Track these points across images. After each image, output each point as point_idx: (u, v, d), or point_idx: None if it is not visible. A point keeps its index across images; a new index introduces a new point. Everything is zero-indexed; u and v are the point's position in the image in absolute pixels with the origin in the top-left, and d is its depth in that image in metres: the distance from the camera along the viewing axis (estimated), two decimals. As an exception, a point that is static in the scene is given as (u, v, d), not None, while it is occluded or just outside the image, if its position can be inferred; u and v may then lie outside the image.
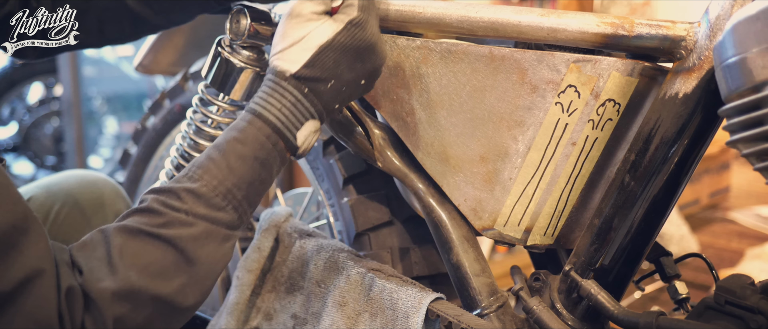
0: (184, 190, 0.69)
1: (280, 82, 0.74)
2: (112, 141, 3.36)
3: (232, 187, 0.72)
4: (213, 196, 0.70)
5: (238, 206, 0.72)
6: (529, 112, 0.83)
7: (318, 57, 0.74)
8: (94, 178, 1.17)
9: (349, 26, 0.75)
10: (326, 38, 0.74)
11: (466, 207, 0.89)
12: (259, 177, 0.74)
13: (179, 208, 0.69)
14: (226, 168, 0.71)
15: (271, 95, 0.74)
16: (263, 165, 0.74)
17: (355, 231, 1.02)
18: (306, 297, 0.96)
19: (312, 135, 0.77)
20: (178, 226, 0.68)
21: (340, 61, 0.75)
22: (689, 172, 0.80)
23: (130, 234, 0.67)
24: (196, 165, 0.72)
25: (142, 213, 0.69)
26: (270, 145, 0.74)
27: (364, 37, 0.76)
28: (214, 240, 0.70)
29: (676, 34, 0.76)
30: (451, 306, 0.84)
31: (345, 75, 0.76)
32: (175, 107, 1.38)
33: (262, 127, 0.74)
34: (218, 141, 0.74)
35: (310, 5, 0.75)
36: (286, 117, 0.74)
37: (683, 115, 0.75)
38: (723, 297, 0.72)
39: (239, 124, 0.74)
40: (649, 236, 0.82)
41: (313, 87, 0.75)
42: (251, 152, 0.73)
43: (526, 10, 0.82)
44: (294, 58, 0.74)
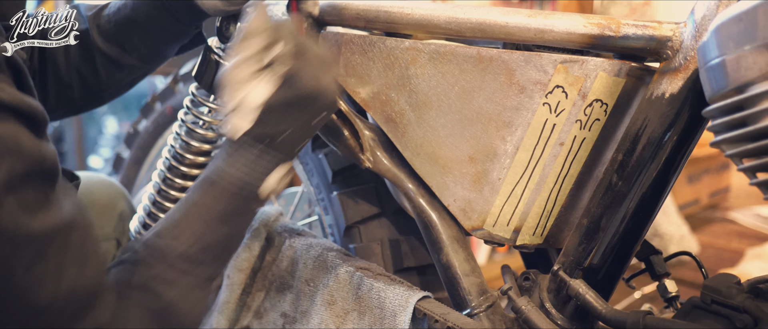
0: (168, 248, 0.73)
1: (234, 145, 0.75)
2: (112, 141, 3.36)
3: (211, 242, 0.75)
4: (193, 253, 0.74)
5: (216, 258, 0.76)
6: (517, 112, 0.83)
7: (263, 116, 0.74)
8: (97, 180, 1.18)
9: (285, 80, 0.74)
10: (265, 96, 0.74)
11: (455, 208, 0.89)
12: (235, 228, 0.77)
13: (163, 264, 0.72)
14: (202, 225, 0.74)
15: (232, 154, 0.75)
16: (239, 216, 0.77)
17: (345, 224, 1.02)
18: (295, 295, 0.96)
19: (283, 178, 0.79)
20: (163, 282, 0.72)
21: (286, 113, 0.75)
22: (677, 172, 0.80)
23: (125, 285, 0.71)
24: (173, 222, 0.75)
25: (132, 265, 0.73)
26: (241, 198, 0.75)
27: (301, 87, 0.74)
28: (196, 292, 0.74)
29: (662, 35, 0.77)
30: (438, 305, 0.85)
31: (297, 122, 0.76)
32: (166, 109, 1.38)
33: (233, 182, 0.75)
34: (193, 195, 0.76)
35: (244, 68, 0.74)
36: (252, 170, 0.75)
37: (670, 115, 0.76)
38: (709, 297, 0.72)
39: (210, 177, 0.76)
40: (637, 235, 0.82)
41: (270, 142, 0.75)
42: (224, 207, 0.75)
43: (514, 12, 0.82)
44: (242, 118, 0.74)
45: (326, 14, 0.95)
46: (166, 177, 0.99)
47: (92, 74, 0.98)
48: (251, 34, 0.73)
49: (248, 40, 0.73)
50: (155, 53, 0.99)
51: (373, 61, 0.91)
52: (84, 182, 1.16)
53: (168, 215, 0.77)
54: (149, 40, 0.96)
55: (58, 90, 0.99)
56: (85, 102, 1.03)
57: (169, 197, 0.98)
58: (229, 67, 0.74)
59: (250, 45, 0.73)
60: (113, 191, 1.18)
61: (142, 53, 0.97)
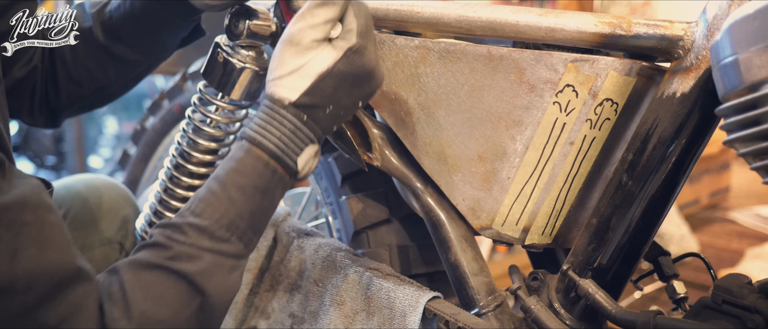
0: (188, 225, 0.71)
1: (278, 109, 0.74)
2: (112, 141, 3.36)
3: (235, 218, 0.73)
4: (216, 229, 0.72)
5: (242, 236, 0.74)
6: (527, 111, 0.83)
7: (317, 85, 0.74)
8: (102, 183, 1.18)
9: (348, 53, 0.74)
10: (325, 67, 0.74)
11: (464, 207, 0.89)
12: (260, 206, 0.75)
13: (184, 242, 0.70)
14: (226, 200, 0.72)
15: (269, 123, 0.74)
16: (264, 194, 0.74)
17: (353, 229, 1.02)
18: (304, 296, 0.96)
19: (312, 159, 0.77)
20: (185, 260, 0.70)
21: (338, 88, 0.75)
22: (687, 172, 0.80)
23: (141, 267, 0.69)
24: (198, 198, 0.73)
25: (149, 247, 0.71)
26: (269, 173, 0.74)
27: (362, 64, 0.75)
28: (221, 271, 0.71)
29: (673, 34, 0.76)
30: (448, 305, 0.85)
31: (343, 100, 0.76)
32: (173, 107, 1.38)
33: (260, 155, 0.74)
34: (218, 172, 0.75)
35: (309, 33, 0.74)
36: (285, 145, 0.74)
37: (681, 114, 0.76)
38: (720, 297, 0.72)
39: (237, 154, 0.75)
40: (646, 235, 0.82)
41: (311, 114, 0.75)
42: (251, 182, 0.73)
43: (524, 10, 0.82)
44: (293, 86, 0.74)
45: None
46: (173, 175, 0.98)
47: (99, 70, 0.99)
48: (325, 1, 0.73)
49: (320, 7, 0.73)
50: (156, 47, 0.99)
51: (382, 60, 0.91)
52: (89, 184, 1.16)
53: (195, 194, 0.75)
54: (149, 35, 0.96)
55: (68, 88, 1.00)
56: (95, 98, 1.03)
57: (176, 195, 0.98)
58: (295, 29, 0.74)
59: (321, 13, 0.73)
60: (118, 194, 1.17)
61: (143, 48, 0.98)
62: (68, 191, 1.13)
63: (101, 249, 1.12)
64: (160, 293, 0.68)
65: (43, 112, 1.02)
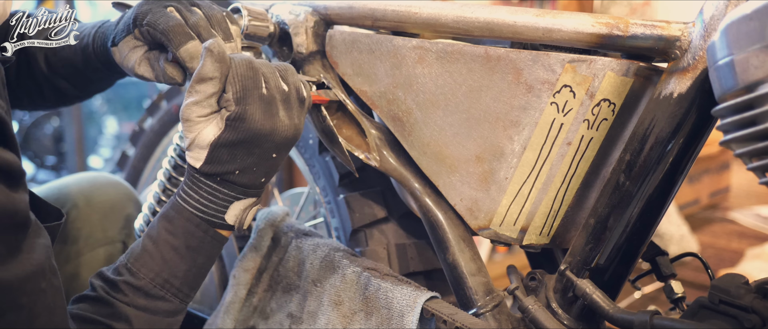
0: (124, 283, 0.76)
1: (194, 175, 0.77)
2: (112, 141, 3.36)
3: (169, 277, 0.77)
4: (151, 288, 0.77)
5: (177, 293, 0.78)
6: (524, 111, 0.83)
7: (212, 154, 0.75)
8: (106, 181, 1.17)
9: (229, 122, 0.74)
10: (212, 137, 0.75)
11: (462, 207, 0.89)
12: (195, 264, 0.79)
13: (122, 300, 0.75)
14: (160, 260, 0.77)
15: (190, 188, 0.78)
16: (197, 252, 0.78)
17: (351, 227, 1.02)
18: (302, 296, 0.96)
19: (245, 211, 0.80)
20: (123, 319, 0.75)
21: (235, 153, 0.76)
22: (684, 172, 0.80)
23: (84, 322, 0.74)
24: (133, 255, 0.78)
25: (91, 301, 0.76)
26: (200, 232, 0.78)
27: (248, 129, 0.75)
28: (158, 325, 0.77)
29: (670, 34, 0.76)
30: (445, 305, 0.85)
31: (247, 161, 0.77)
32: (172, 108, 1.38)
33: (190, 217, 0.77)
34: (151, 230, 0.78)
35: (195, 110, 0.75)
36: (206, 206, 0.77)
37: (678, 114, 0.76)
38: (717, 297, 0.72)
39: (169, 213, 0.78)
40: (644, 235, 0.82)
41: (222, 176, 0.77)
42: (183, 243, 0.77)
43: (522, 11, 0.82)
44: (195, 156, 0.76)
45: (334, 13, 0.95)
46: (172, 176, 0.98)
47: (39, 95, 1.02)
48: (201, 79, 0.74)
49: (198, 84, 0.74)
50: (96, 88, 1.04)
51: (381, 60, 0.91)
52: (92, 182, 1.16)
53: (128, 250, 0.79)
54: (90, 80, 0.99)
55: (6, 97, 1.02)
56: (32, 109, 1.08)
57: (175, 196, 0.98)
58: (184, 106, 0.76)
59: (201, 89, 0.74)
60: (121, 192, 1.17)
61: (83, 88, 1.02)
62: (71, 190, 1.13)
63: (104, 248, 1.12)
64: None
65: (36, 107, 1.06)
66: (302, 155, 1.12)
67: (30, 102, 1.04)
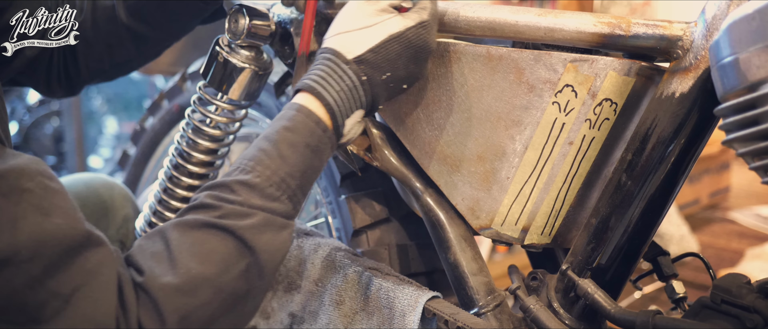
0: (237, 183, 0.69)
1: (340, 63, 0.74)
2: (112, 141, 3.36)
3: (286, 176, 0.71)
4: (267, 187, 0.70)
5: (292, 196, 0.72)
6: (526, 111, 0.83)
7: (384, 46, 0.76)
8: (102, 182, 1.18)
9: (418, 26, 0.77)
10: (397, 30, 0.77)
11: (463, 207, 0.89)
12: (311, 165, 0.73)
13: (234, 200, 0.68)
14: (278, 157, 0.71)
15: (330, 75, 0.74)
16: (315, 152, 0.74)
17: (352, 228, 1.02)
18: (303, 295, 0.96)
19: (357, 124, 0.78)
20: (234, 217, 0.67)
21: (401, 55, 0.77)
22: (686, 172, 0.80)
23: (188, 227, 0.67)
24: (247, 157, 0.72)
25: (196, 209, 0.69)
26: (320, 130, 0.74)
27: (427, 41, 0.78)
28: (271, 229, 0.69)
29: (672, 34, 0.76)
30: (447, 305, 0.85)
31: (400, 71, 0.78)
32: (173, 107, 1.38)
33: (311, 113, 0.73)
34: (268, 131, 0.74)
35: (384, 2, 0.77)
36: (342, 101, 0.74)
37: (680, 114, 0.76)
38: (719, 297, 0.72)
39: (288, 113, 0.74)
40: (646, 235, 0.82)
41: (370, 75, 0.76)
42: (302, 140, 0.73)
43: (524, 10, 0.82)
44: (360, 41, 0.75)
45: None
46: (173, 175, 0.98)
47: (120, 48, 0.98)
48: None
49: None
50: (177, 27, 0.99)
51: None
52: (88, 184, 1.16)
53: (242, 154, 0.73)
54: (172, 17, 0.96)
55: (87, 63, 0.98)
56: (115, 72, 1.02)
57: (176, 195, 0.98)
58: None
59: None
60: (117, 193, 1.18)
61: (164, 27, 0.98)
62: (68, 190, 1.13)
63: None
64: (208, 250, 0.66)
65: (62, 85, 1.00)
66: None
67: (111, 60, 0.99)
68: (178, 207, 0.98)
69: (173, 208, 0.98)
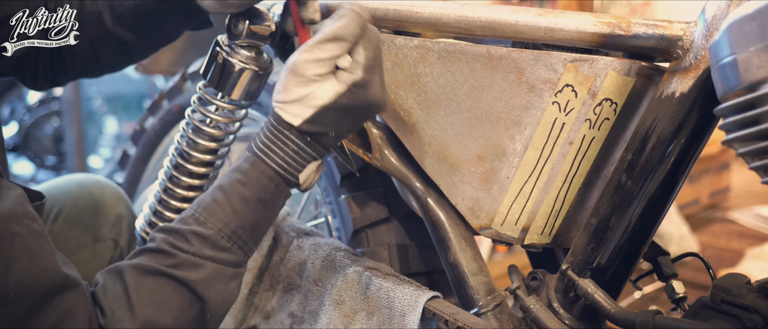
0: (192, 233, 0.74)
1: (282, 131, 0.76)
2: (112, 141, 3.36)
3: (237, 229, 0.76)
4: (219, 239, 0.75)
5: (243, 245, 0.77)
6: (526, 111, 0.83)
7: (319, 115, 0.75)
8: (94, 181, 1.18)
9: (352, 88, 0.74)
10: (328, 100, 0.74)
11: (463, 207, 0.89)
12: (262, 217, 0.78)
13: (188, 250, 0.73)
14: (230, 211, 0.75)
15: (273, 143, 0.76)
16: (266, 206, 0.77)
17: (352, 228, 1.02)
18: (303, 295, 0.96)
19: (314, 173, 0.80)
20: (188, 268, 0.72)
21: (341, 118, 0.76)
22: (686, 172, 0.80)
23: (144, 273, 0.72)
24: (201, 206, 0.76)
25: (152, 253, 0.73)
26: (273, 186, 0.77)
27: (366, 98, 0.75)
28: (221, 280, 0.75)
29: (672, 34, 0.77)
30: (447, 305, 0.85)
31: (346, 126, 0.78)
32: (173, 107, 1.38)
33: (265, 169, 0.76)
34: (223, 181, 0.77)
35: (313, 67, 0.73)
36: (288, 164, 0.77)
37: (680, 114, 0.76)
38: (719, 296, 0.72)
39: (243, 166, 0.77)
40: (646, 235, 0.82)
41: (314, 137, 0.76)
42: (255, 195, 0.76)
43: (524, 10, 0.82)
44: (296, 113, 0.75)
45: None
46: (173, 175, 0.98)
47: (105, 53, 1.00)
48: (336, 37, 0.73)
49: (330, 42, 0.73)
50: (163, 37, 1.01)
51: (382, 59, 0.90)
52: (81, 183, 1.17)
53: (195, 201, 0.77)
54: (157, 27, 0.97)
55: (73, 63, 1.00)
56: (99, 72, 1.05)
57: (176, 195, 0.98)
58: (300, 60, 0.74)
59: (329, 48, 0.73)
60: (110, 192, 1.18)
61: (150, 37, 0.99)
62: (61, 191, 1.14)
63: (95, 246, 1.14)
64: (163, 299, 0.71)
65: (48, 80, 1.03)
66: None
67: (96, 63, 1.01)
68: (179, 207, 0.98)
69: (173, 208, 0.98)
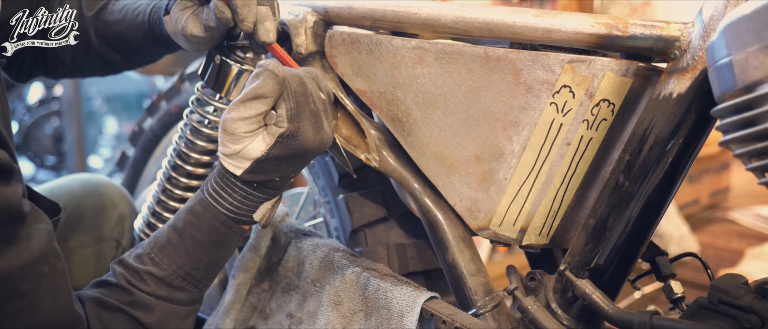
0: (147, 274, 0.78)
1: (228, 179, 0.78)
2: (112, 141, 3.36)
3: (191, 270, 0.80)
4: (173, 279, 0.78)
5: (197, 284, 0.80)
6: (523, 112, 0.83)
7: (257, 166, 0.76)
8: (97, 181, 1.18)
9: (280, 139, 0.75)
10: (260, 153, 0.75)
11: (461, 208, 0.89)
12: (216, 257, 0.80)
13: (144, 290, 0.77)
14: (184, 253, 0.78)
15: (223, 189, 0.78)
16: (220, 246, 0.80)
17: (350, 227, 1.02)
18: (302, 296, 0.96)
19: (270, 210, 0.82)
20: (143, 307, 0.77)
21: (279, 166, 0.77)
22: (683, 172, 0.80)
23: (103, 307, 0.76)
24: (157, 247, 0.79)
25: (111, 288, 0.77)
26: (225, 228, 0.79)
27: (297, 146, 0.76)
28: (175, 318, 0.79)
29: (670, 35, 0.76)
30: (445, 305, 0.85)
31: (288, 170, 0.78)
32: (171, 108, 1.38)
33: (217, 214, 0.78)
34: (177, 222, 0.80)
35: (241, 125, 0.75)
36: (238, 208, 0.79)
37: (677, 115, 0.76)
38: (717, 297, 0.72)
39: (196, 208, 0.79)
40: (643, 236, 0.82)
41: (259, 183, 0.78)
42: (207, 237, 0.79)
43: (521, 11, 0.82)
44: (236, 164, 0.77)
45: (333, 14, 0.95)
46: (171, 176, 0.99)
47: (88, 66, 1.04)
48: (256, 96, 0.74)
49: (253, 101, 0.74)
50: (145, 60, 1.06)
51: (380, 61, 0.91)
52: (84, 183, 1.17)
53: (151, 238, 0.80)
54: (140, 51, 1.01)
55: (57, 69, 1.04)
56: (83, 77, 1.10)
57: (174, 196, 0.98)
58: (228, 119, 0.75)
59: (252, 106, 0.74)
60: (113, 192, 1.18)
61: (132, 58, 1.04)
62: (64, 190, 1.14)
63: (97, 246, 1.14)
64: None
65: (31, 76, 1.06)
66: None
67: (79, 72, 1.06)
68: (177, 207, 0.98)
69: (172, 209, 0.98)
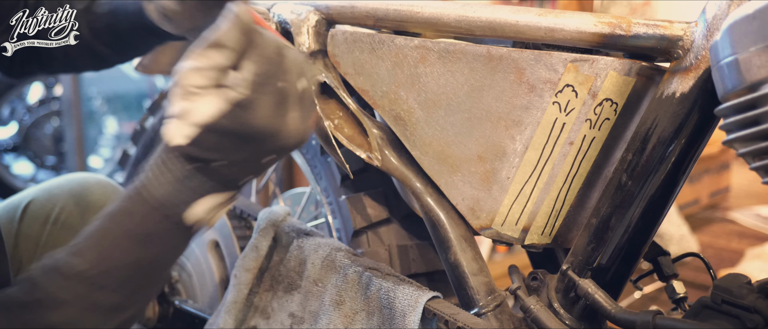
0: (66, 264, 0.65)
1: (164, 155, 0.65)
2: (112, 141, 3.36)
3: (115, 265, 0.65)
4: (93, 273, 0.65)
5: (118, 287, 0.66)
6: (526, 111, 0.83)
7: (201, 136, 0.62)
8: (95, 181, 1.18)
9: (234, 107, 0.61)
10: (208, 117, 0.61)
11: (463, 207, 0.89)
12: (146, 255, 0.66)
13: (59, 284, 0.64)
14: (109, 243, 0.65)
15: (158, 166, 0.65)
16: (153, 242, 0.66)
17: (352, 228, 1.02)
18: (303, 296, 0.96)
19: (214, 209, 0.67)
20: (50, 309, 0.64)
21: (225, 142, 0.63)
22: (686, 172, 0.80)
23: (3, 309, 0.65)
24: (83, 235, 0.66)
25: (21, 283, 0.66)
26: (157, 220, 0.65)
27: (251, 122, 0.61)
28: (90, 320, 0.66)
29: (673, 34, 0.76)
30: (447, 305, 0.85)
31: (235, 155, 0.64)
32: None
33: (145, 201, 0.65)
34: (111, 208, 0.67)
35: (193, 78, 0.61)
36: (170, 193, 0.64)
37: (680, 114, 0.76)
38: (720, 297, 0.72)
39: (130, 192, 0.66)
40: (646, 235, 0.82)
41: (198, 165, 0.64)
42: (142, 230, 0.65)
43: (524, 10, 0.82)
44: (175, 132, 0.62)
45: (336, 13, 0.95)
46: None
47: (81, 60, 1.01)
48: (217, 44, 0.60)
49: (212, 49, 0.61)
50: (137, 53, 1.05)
51: (382, 60, 0.91)
52: (81, 183, 1.17)
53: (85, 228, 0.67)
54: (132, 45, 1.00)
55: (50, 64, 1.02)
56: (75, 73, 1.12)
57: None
58: (182, 67, 0.62)
59: (211, 56, 0.61)
60: (111, 192, 1.18)
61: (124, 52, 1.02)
62: (61, 190, 1.14)
63: None
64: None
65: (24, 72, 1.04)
66: (304, 155, 1.12)
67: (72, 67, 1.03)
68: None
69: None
